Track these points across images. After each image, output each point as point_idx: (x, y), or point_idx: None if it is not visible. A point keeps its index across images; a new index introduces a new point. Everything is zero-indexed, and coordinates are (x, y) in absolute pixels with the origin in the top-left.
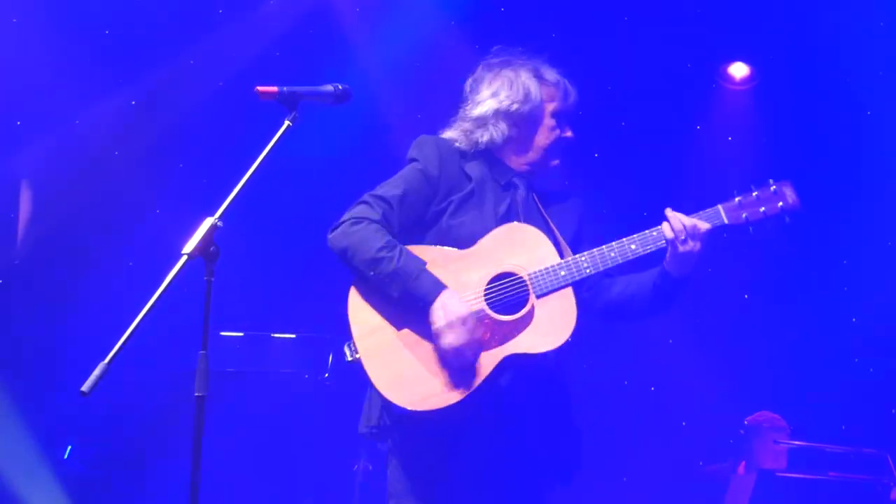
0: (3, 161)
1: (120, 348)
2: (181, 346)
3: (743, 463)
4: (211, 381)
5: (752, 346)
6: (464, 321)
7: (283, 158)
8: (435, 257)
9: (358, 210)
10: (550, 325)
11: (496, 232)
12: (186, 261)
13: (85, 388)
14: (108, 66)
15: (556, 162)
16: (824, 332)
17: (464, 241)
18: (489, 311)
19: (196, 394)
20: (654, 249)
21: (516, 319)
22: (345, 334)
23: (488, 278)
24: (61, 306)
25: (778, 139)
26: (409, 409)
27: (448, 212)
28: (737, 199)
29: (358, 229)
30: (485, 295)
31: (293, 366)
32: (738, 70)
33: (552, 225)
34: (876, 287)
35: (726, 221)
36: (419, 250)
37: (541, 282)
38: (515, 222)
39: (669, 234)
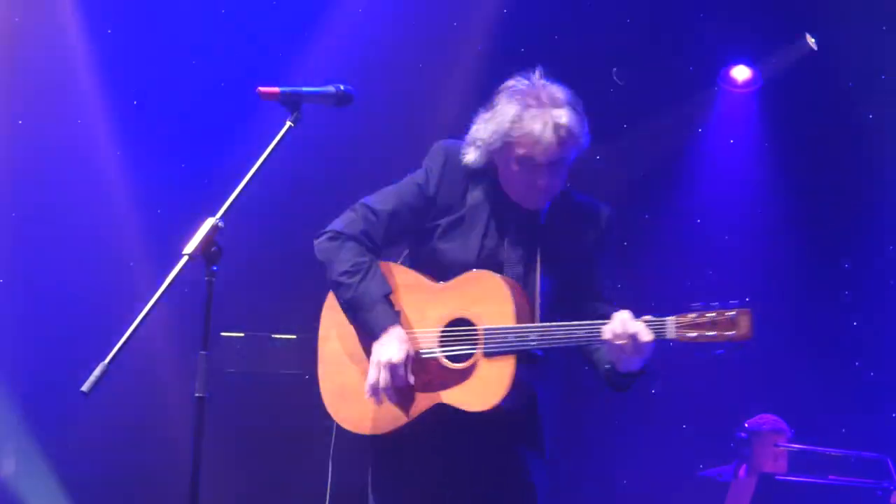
0: (3, 160)
1: (120, 348)
2: (182, 346)
3: (744, 466)
4: (211, 381)
5: (752, 349)
6: (391, 367)
7: (285, 159)
8: (409, 283)
9: (341, 221)
10: (484, 387)
11: (468, 274)
12: (187, 261)
13: (85, 387)
14: (110, 66)
15: (533, 206)
16: (825, 336)
17: (445, 268)
18: (439, 355)
19: (196, 394)
20: (598, 344)
21: (460, 371)
22: None
23: (449, 319)
24: (61, 306)
25: (780, 142)
26: (343, 425)
27: (436, 234)
28: (691, 316)
29: (330, 247)
30: (440, 336)
31: (294, 366)
32: (741, 73)
33: (537, 265)
34: (877, 291)
35: (670, 337)
36: (398, 271)
37: (491, 340)
38: (484, 271)
39: (607, 336)
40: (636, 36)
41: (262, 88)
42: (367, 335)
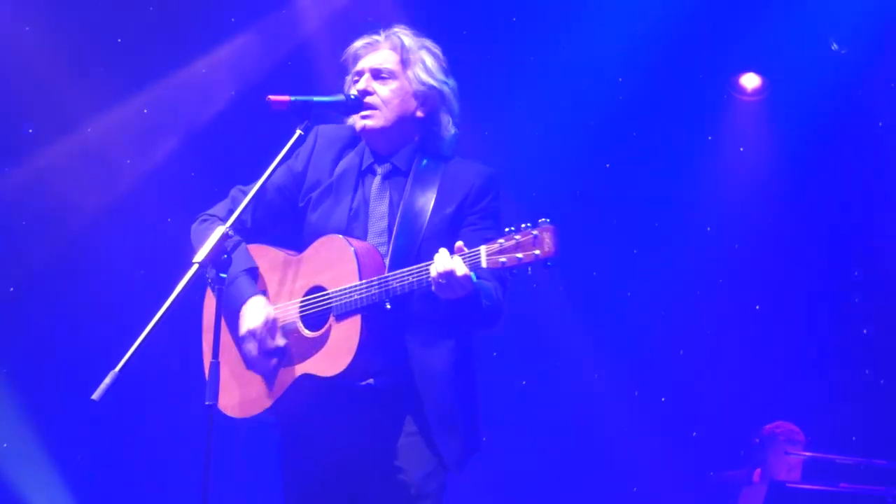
0: (14, 168)
1: (131, 356)
2: (192, 354)
3: (758, 471)
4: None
5: (762, 357)
6: (255, 333)
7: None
8: (272, 260)
9: (216, 206)
10: (336, 350)
11: (319, 240)
12: (198, 269)
13: (95, 395)
14: (120, 75)
15: (351, 121)
16: (835, 344)
17: (314, 239)
18: (299, 325)
19: (206, 402)
20: (427, 284)
21: (315, 338)
22: None
23: (306, 289)
24: (72, 314)
25: (789, 150)
26: (226, 413)
27: (308, 208)
28: (499, 241)
29: (198, 229)
30: (300, 306)
31: None
32: (750, 81)
33: (396, 218)
34: (887, 298)
35: (484, 265)
36: (259, 251)
37: (339, 302)
38: (333, 235)
39: (433, 274)
40: (646, 44)
41: (272, 97)
42: (233, 313)
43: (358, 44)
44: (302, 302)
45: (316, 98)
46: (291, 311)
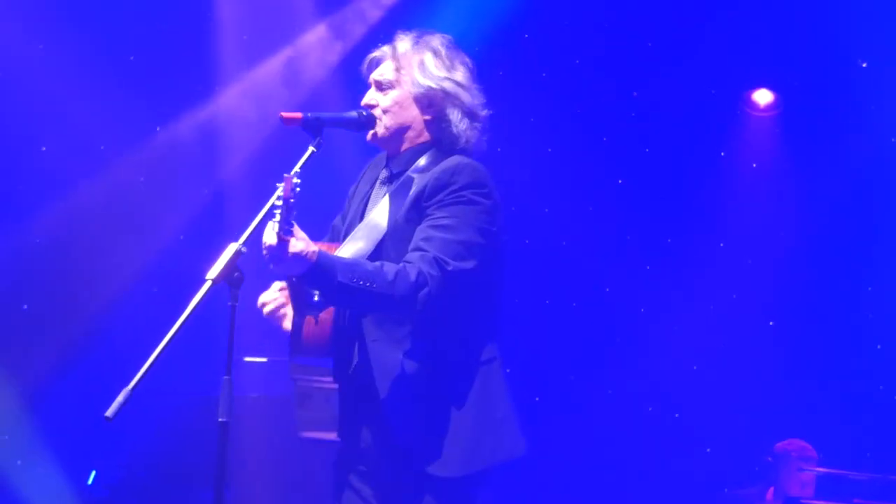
0: (28, 187)
1: (144, 374)
2: (205, 371)
3: (771, 489)
4: (235, 406)
5: (775, 373)
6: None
7: (307, 184)
8: None
9: None
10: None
11: None
12: (211, 286)
13: (109, 413)
14: (133, 92)
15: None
16: (849, 360)
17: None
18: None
19: (220, 419)
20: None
21: None
22: None
23: None
24: (85, 331)
25: (802, 166)
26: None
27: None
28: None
29: None
30: None
31: None
32: (763, 97)
33: (364, 220)
34: None
35: (276, 229)
36: None
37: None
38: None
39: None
40: (658, 60)
41: (284, 114)
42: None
43: (367, 58)
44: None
45: (328, 114)
46: None
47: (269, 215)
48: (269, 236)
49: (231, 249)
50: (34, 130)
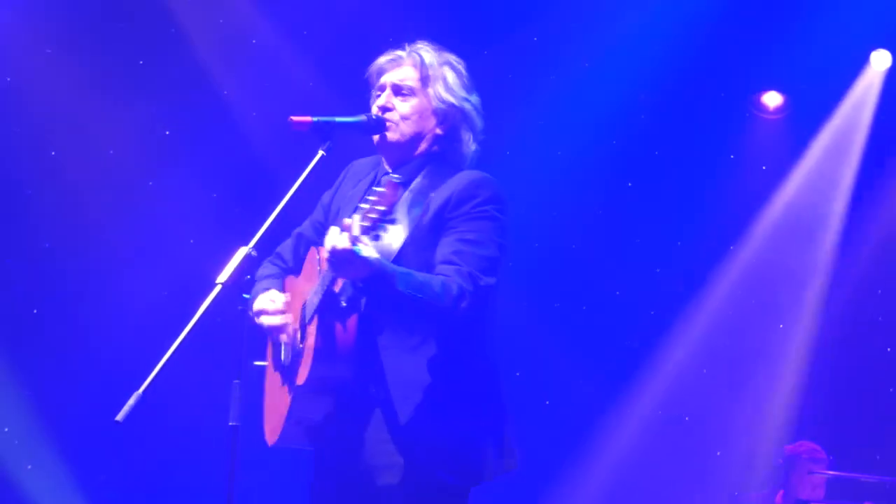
0: (37, 191)
1: (155, 378)
2: (215, 375)
3: (781, 492)
4: (245, 410)
5: (785, 376)
6: (255, 314)
7: (317, 188)
8: (294, 288)
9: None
10: (306, 355)
11: (306, 257)
12: (220, 290)
13: (120, 416)
14: (142, 97)
15: (389, 136)
16: (859, 362)
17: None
18: (297, 341)
19: (230, 423)
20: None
21: (301, 349)
22: None
23: (300, 306)
24: (96, 335)
25: (812, 168)
26: (269, 443)
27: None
28: (363, 206)
29: (258, 276)
30: (298, 324)
31: None
32: (772, 99)
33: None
34: None
35: (356, 233)
36: (289, 281)
37: (310, 310)
38: (312, 247)
39: (323, 255)
40: (667, 63)
41: (294, 118)
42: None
43: (381, 60)
44: (301, 321)
45: (338, 119)
46: (296, 334)
47: (299, 237)
48: (340, 240)
49: (241, 253)
50: (43, 135)
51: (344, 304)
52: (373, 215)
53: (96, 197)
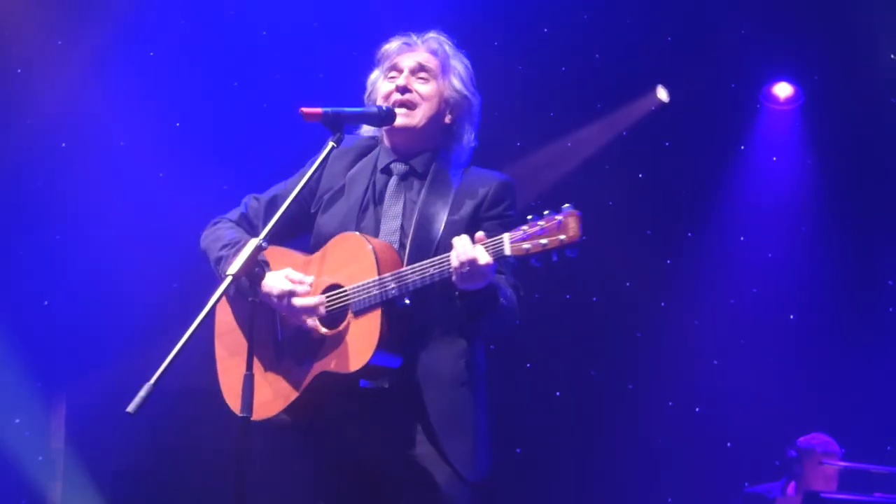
0: (47, 183)
1: (165, 369)
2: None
3: (793, 484)
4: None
5: (796, 367)
6: (284, 295)
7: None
8: (292, 262)
9: (231, 211)
10: (355, 346)
11: (334, 239)
12: (231, 282)
13: (131, 408)
14: (153, 89)
15: (403, 121)
16: (870, 353)
17: (325, 239)
18: (317, 323)
19: (241, 414)
20: (448, 275)
21: (333, 335)
22: None
23: (323, 287)
24: (105, 328)
25: (823, 159)
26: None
27: (320, 211)
28: (523, 228)
29: (212, 230)
30: None
31: None
32: (783, 90)
33: (413, 218)
34: None
35: (508, 254)
36: (278, 254)
37: (357, 298)
38: (348, 233)
39: (455, 263)
40: (678, 54)
41: (304, 109)
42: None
43: (394, 43)
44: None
45: (348, 109)
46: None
47: (290, 212)
48: (483, 255)
49: (251, 245)
50: (53, 127)
51: (407, 301)
52: (546, 243)
53: (107, 189)
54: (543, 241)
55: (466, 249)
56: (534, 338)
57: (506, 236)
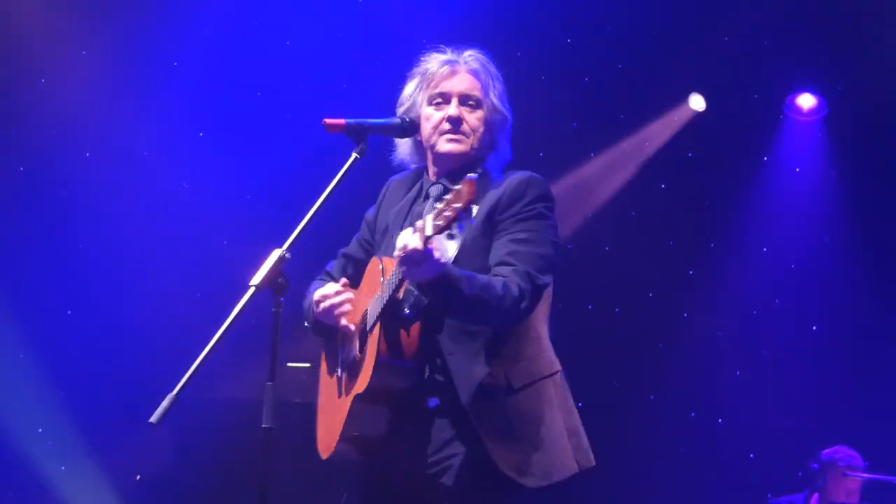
0: (72, 192)
1: (188, 379)
2: (248, 377)
3: (815, 496)
4: (278, 412)
5: (819, 378)
6: (317, 302)
7: (350, 191)
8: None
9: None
10: (367, 363)
11: (367, 267)
12: (255, 292)
13: (154, 419)
14: (176, 98)
15: (450, 149)
16: (893, 365)
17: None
18: (356, 350)
19: (263, 425)
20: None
21: (361, 357)
22: None
23: (359, 316)
24: (129, 338)
25: (846, 171)
26: (322, 457)
27: (374, 247)
28: (438, 205)
29: (309, 290)
30: (359, 334)
31: None
32: (806, 101)
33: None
34: None
35: (430, 233)
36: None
37: (369, 317)
38: (373, 258)
39: (396, 254)
40: (701, 65)
41: (327, 120)
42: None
43: (434, 63)
44: (360, 331)
45: (371, 121)
46: (356, 344)
47: (350, 255)
48: (413, 239)
49: (275, 255)
50: (78, 136)
51: (407, 311)
52: (448, 213)
53: (131, 198)
54: (448, 213)
55: (402, 237)
56: (556, 348)
57: (428, 217)
